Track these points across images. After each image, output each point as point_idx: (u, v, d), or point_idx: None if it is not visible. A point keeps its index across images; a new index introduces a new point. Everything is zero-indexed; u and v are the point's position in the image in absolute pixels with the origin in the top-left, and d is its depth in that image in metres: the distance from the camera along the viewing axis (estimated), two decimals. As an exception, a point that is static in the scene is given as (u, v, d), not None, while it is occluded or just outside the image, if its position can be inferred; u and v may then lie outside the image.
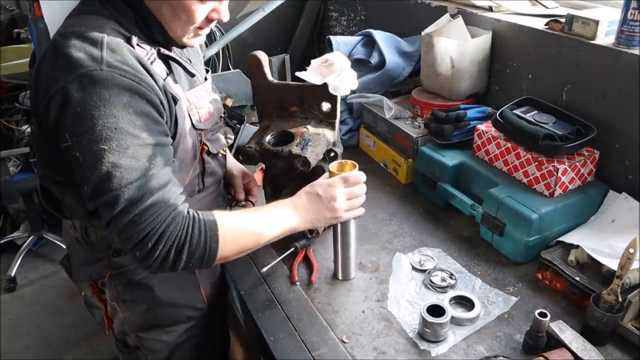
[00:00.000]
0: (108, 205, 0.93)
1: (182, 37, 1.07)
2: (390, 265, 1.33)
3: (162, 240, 0.94)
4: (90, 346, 2.63)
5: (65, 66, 0.92)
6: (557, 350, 1.02)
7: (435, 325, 1.09)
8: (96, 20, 0.99)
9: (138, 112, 0.94)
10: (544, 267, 1.24)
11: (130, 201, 0.92)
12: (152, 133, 0.96)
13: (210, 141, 1.22)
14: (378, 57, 1.91)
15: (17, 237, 3.26)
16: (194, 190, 1.23)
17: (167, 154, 1.00)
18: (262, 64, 1.30)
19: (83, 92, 0.90)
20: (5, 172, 2.82)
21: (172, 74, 1.09)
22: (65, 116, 0.92)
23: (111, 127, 0.91)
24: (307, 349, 1.11)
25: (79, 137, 0.92)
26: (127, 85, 0.93)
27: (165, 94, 1.02)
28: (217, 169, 1.28)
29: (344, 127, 1.94)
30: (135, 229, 0.93)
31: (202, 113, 1.16)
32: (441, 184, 1.52)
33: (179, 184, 1.01)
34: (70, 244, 1.26)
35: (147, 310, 1.24)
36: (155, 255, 0.95)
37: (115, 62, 0.93)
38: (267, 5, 2.30)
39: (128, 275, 1.20)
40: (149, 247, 0.94)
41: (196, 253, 0.98)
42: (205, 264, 1.02)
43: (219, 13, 1.05)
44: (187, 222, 0.97)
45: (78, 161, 0.93)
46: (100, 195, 0.93)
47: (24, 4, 3.97)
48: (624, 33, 1.31)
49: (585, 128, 1.36)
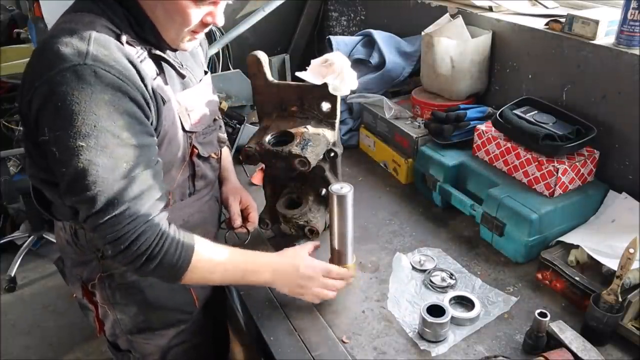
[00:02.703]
0: (85, 204, 0.93)
1: (176, 40, 1.05)
2: (390, 265, 1.33)
3: (136, 244, 0.95)
4: (91, 346, 2.63)
5: (50, 60, 0.90)
6: (557, 350, 1.02)
7: (435, 325, 1.09)
8: (87, 17, 0.98)
9: (120, 110, 0.93)
10: (544, 267, 1.24)
11: (107, 202, 0.92)
12: (134, 133, 0.95)
13: (202, 144, 1.20)
14: (378, 57, 1.91)
15: (17, 237, 3.26)
16: (185, 193, 1.22)
17: (149, 155, 0.99)
18: (262, 64, 1.30)
19: (65, 86, 0.89)
20: (5, 172, 2.82)
21: (162, 74, 1.07)
22: (46, 110, 0.91)
23: (90, 124, 0.89)
24: (307, 349, 1.11)
25: (57, 131, 0.90)
26: (111, 81, 0.91)
27: (154, 94, 1.01)
28: (208, 173, 1.27)
29: (344, 127, 1.94)
30: (111, 229, 0.94)
31: (193, 115, 1.14)
32: (441, 184, 1.52)
33: (159, 187, 1.00)
34: (62, 245, 1.24)
35: (137, 313, 1.23)
36: (127, 255, 0.96)
37: (102, 57, 0.91)
38: (267, 5, 2.30)
39: (118, 278, 1.19)
40: (121, 248, 0.95)
41: (165, 266, 1.00)
42: (167, 280, 1.05)
43: (213, 17, 1.03)
44: (164, 234, 0.98)
45: (55, 156, 0.92)
46: (75, 193, 0.93)
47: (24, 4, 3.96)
48: (624, 33, 1.31)
49: (585, 128, 1.36)
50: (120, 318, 1.24)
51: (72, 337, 2.70)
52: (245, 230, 1.39)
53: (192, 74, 1.18)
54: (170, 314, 1.27)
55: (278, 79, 1.35)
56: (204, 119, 1.19)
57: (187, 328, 1.30)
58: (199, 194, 1.26)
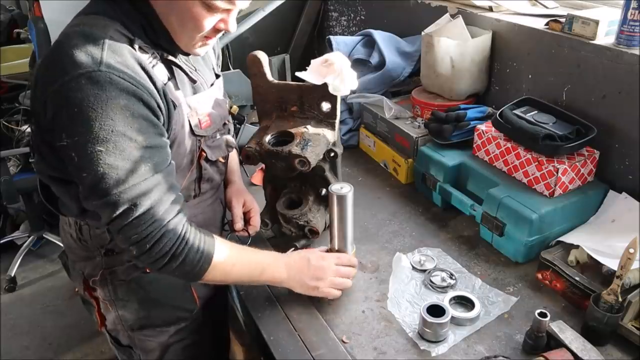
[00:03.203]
0: (108, 207, 0.95)
1: (188, 45, 1.07)
2: (390, 265, 1.33)
3: (159, 244, 0.98)
4: (91, 346, 2.63)
5: (64, 65, 0.92)
6: (557, 350, 1.02)
7: (435, 325, 1.09)
8: (101, 20, 0.99)
9: (135, 114, 0.94)
10: (544, 267, 1.24)
11: (130, 204, 0.95)
12: (149, 136, 0.97)
13: (210, 148, 1.21)
14: (378, 57, 1.91)
15: (17, 237, 3.26)
16: (190, 195, 1.23)
17: (164, 156, 1.01)
18: (262, 64, 1.30)
19: (80, 92, 0.90)
20: (5, 172, 2.81)
21: (174, 78, 1.09)
22: (62, 115, 0.93)
23: (108, 129, 0.92)
24: (307, 349, 1.11)
25: (75, 137, 0.92)
26: (125, 87, 0.93)
27: (165, 98, 1.03)
28: (214, 176, 1.28)
29: (344, 127, 1.94)
30: (135, 230, 0.96)
31: (202, 119, 1.16)
32: (441, 184, 1.52)
33: (175, 187, 1.03)
34: (66, 240, 1.27)
35: (138, 309, 1.24)
36: (151, 255, 0.99)
37: (115, 64, 0.93)
38: (267, 5, 2.31)
39: (120, 275, 1.20)
40: (146, 247, 0.98)
41: (187, 266, 1.03)
42: (188, 278, 1.10)
43: (226, 24, 1.04)
44: (186, 234, 1.01)
45: (73, 161, 0.94)
46: (97, 196, 0.95)
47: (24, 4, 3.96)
48: (624, 33, 1.31)
49: (585, 128, 1.36)
50: (121, 314, 1.25)
51: (71, 338, 2.69)
52: (247, 233, 1.39)
53: (204, 78, 1.20)
54: (171, 312, 1.28)
55: (278, 79, 1.35)
56: (214, 123, 1.20)
57: (188, 326, 1.31)
58: (203, 196, 1.27)
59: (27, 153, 3.04)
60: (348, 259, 1.25)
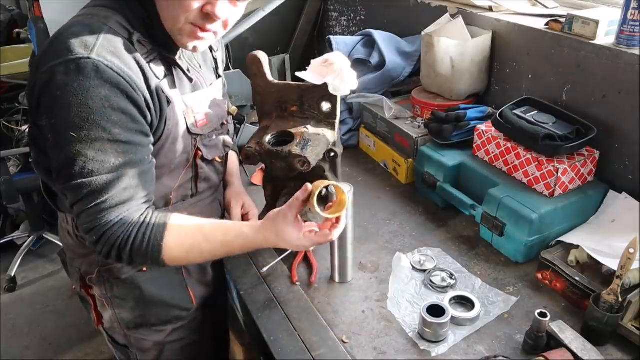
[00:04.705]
0: (70, 191, 0.98)
1: (174, 30, 1.02)
2: (390, 265, 1.33)
3: (106, 235, 0.99)
4: (90, 346, 2.63)
5: (58, 50, 0.93)
6: (557, 350, 1.02)
7: (435, 325, 1.09)
8: (104, 12, 1.01)
9: (114, 107, 0.95)
10: (544, 267, 1.24)
11: (89, 192, 0.96)
12: (127, 130, 0.97)
13: (207, 147, 1.21)
14: (378, 57, 1.91)
15: (17, 237, 3.26)
16: (187, 194, 1.23)
17: (140, 154, 1.01)
18: (262, 64, 1.30)
19: (66, 76, 0.92)
20: (5, 172, 2.81)
21: (171, 75, 1.08)
22: (46, 96, 0.95)
23: (83, 117, 0.93)
24: (307, 349, 1.11)
25: (53, 119, 0.95)
26: (110, 77, 0.93)
27: (158, 95, 1.03)
28: (212, 175, 1.27)
29: (344, 127, 1.94)
30: (88, 218, 0.98)
31: (199, 118, 1.15)
32: (441, 184, 1.52)
33: (145, 186, 1.02)
34: (64, 237, 1.27)
35: (134, 308, 1.24)
36: (100, 246, 1.00)
37: (106, 53, 0.94)
38: (267, 5, 2.31)
39: (116, 272, 1.20)
40: (94, 238, 1.00)
41: (138, 255, 1.02)
42: (152, 265, 1.10)
43: (213, 7, 0.99)
44: (132, 223, 1.00)
45: (49, 142, 0.97)
46: (62, 180, 0.98)
47: (24, 4, 3.96)
48: (624, 33, 1.31)
49: (585, 128, 1.36)
50: (117, 312, 1.25)
51: (71, 338, 2.70)
52: None
53: (203, 78, 1.19)
54: (167, 311, 1.28)
55: (278, 79, 1.35)
56: (210, 122, 1.20)
57: (185, 325, 1.31)
58: (200, 196, 1.26)
59: (27, 153, 3.04)
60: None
